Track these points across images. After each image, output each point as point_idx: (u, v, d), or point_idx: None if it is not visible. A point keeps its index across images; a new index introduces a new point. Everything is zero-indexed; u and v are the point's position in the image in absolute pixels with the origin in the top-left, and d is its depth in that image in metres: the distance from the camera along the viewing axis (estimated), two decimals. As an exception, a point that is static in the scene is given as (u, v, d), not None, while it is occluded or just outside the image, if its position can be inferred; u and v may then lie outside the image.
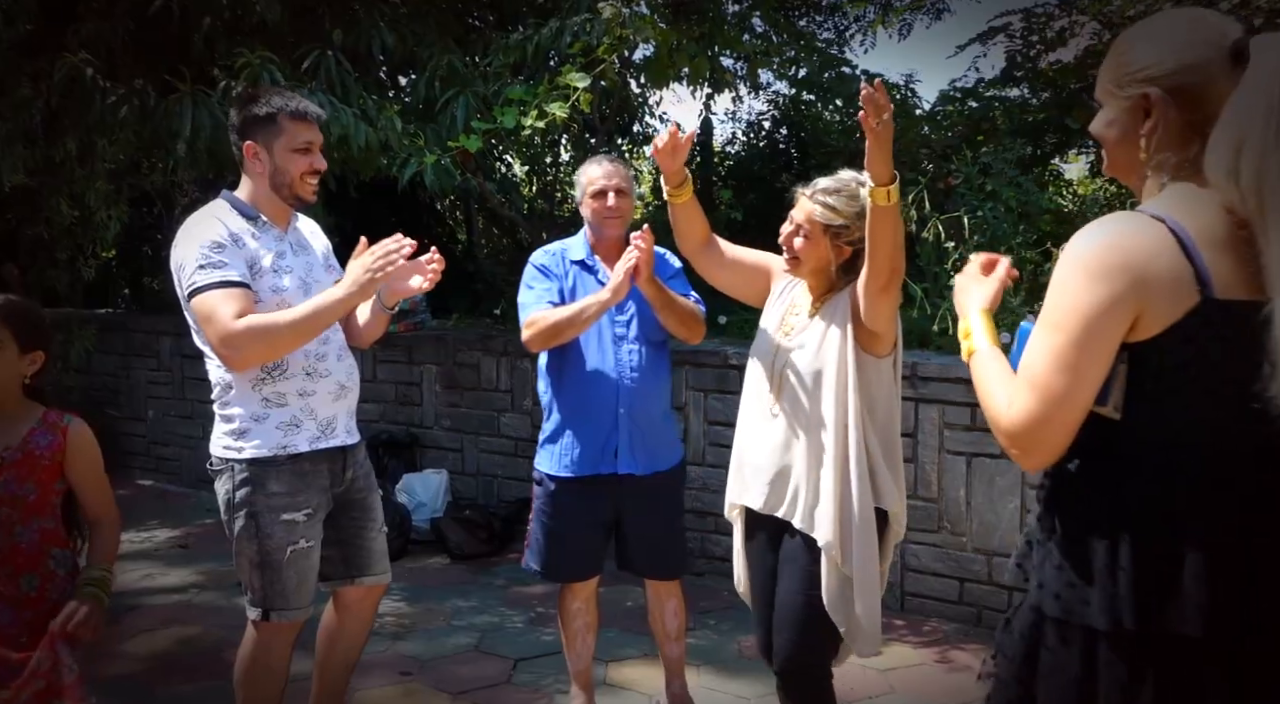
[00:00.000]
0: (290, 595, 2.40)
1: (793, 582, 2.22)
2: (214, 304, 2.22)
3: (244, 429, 2.37)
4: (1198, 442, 1.26)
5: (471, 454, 5.11)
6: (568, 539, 2.80)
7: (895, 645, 3.57)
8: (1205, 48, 1.26)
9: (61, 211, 6.10)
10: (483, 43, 4.96)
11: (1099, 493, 1.30)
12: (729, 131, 8.12)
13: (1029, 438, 1.29)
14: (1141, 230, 1.24)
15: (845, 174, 2.26)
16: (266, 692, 2.46)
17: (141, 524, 5.18)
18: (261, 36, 4.54)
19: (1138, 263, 1.21)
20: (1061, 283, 1.27)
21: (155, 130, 4.26)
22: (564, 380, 2.80)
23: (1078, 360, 1.24)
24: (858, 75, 6.97)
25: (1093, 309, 1.22)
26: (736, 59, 5.82)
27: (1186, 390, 1.25)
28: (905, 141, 6.17)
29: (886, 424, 2.25)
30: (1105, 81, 1.35)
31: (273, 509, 2.35)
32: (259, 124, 2.36)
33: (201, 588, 4.20)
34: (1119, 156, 1.37)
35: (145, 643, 3.61)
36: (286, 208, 2.46)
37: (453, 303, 6.51)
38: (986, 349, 1.44)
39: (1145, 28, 1.35)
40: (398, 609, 3.95)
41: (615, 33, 4.10)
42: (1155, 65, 1.28)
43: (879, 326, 2.17)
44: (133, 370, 6.26)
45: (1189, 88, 1.26)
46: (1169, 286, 1.21)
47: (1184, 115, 1.26)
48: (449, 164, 4.21)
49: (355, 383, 2.55)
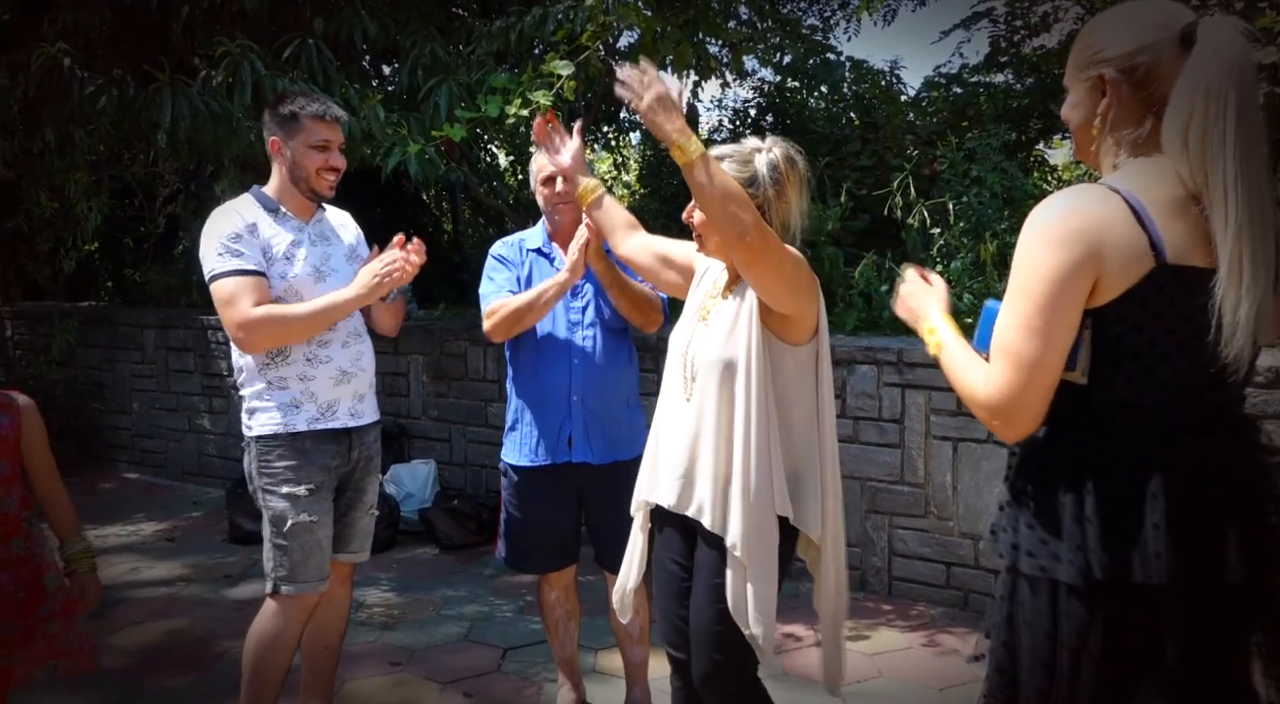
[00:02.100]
0: (298, 568, 2.49)
1: (703, 595, 2.05)
2: (231, 291, 2.42)
3: (253, 408, 2.56)
4: (1158, 405, 1.34)
5: (459, 444, 5.11)
6: (534, 530, 2.78)
7: (883, 630, 3.59)
8: (1157, 30, 1.34)
9: (41, 203, 6.06)
10: (466, 31, 4.92)
11: (1068, 456, 1.37)
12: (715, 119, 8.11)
13: (1009, 406, 1.35)
14: (1098, 200, 1.31)
15: (747, 141, 2.05)
16: (272, 664, 2.51)
17: (127, 517, 5.16)
18: (241, 25, 4.50)
19: (1094, 230, 1.29)
20: (1024, 252, 1.34)
21: (135, 121, 4.22)
22: (520, 368, 2.78)
23: (1045, 324, 1.31)
24: (843, 62, 6.97)
25: (1055, 273, 1.30)
26: (722, 46, 5.81)
27: (1145, 354, 1.33)
28: (890, 128, 6.17)
29: (806, 431, 2.02)
30: (1070, 67, 1.44)
31: (277, 483, 2.51)
32: (283, 122, 2.54)
33: (188, 581, 4.19)
34: (1084, 137, 1.44)
35: (133, 636, 3.59)
36: (308, 201, 2.61)
37: (439, 293, 6.49)
38: (953, 340, 1.53)
39: (1106, 15, 1.44)
40: (387, 599, 3.95)
41: (599, 20, 4.07)
42: (1110, 47, 1.37)
43: (777, 305, 1.95)
44: (117, 363, 6.22)
45: (1140, 68, 1.34)
46: (1125, 253, 1.28)
47: (1136, 93, 1.35)
48: (433, 154, 4.19)
49: (362, 368, 2.64)
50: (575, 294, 2.72)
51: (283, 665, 2.53)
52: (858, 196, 5.38)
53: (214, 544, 4.70)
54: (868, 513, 3.95)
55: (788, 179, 1.98)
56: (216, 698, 3.05)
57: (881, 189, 5.14)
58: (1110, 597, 1.30)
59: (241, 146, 4.16)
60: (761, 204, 1.95)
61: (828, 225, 4.86)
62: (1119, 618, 1.31)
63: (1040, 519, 1.37)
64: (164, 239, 7.31)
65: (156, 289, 6.64)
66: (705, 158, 1.81)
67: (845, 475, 4.04)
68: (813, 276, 1.99)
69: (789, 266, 1.91)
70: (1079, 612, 1.32)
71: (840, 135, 6.36)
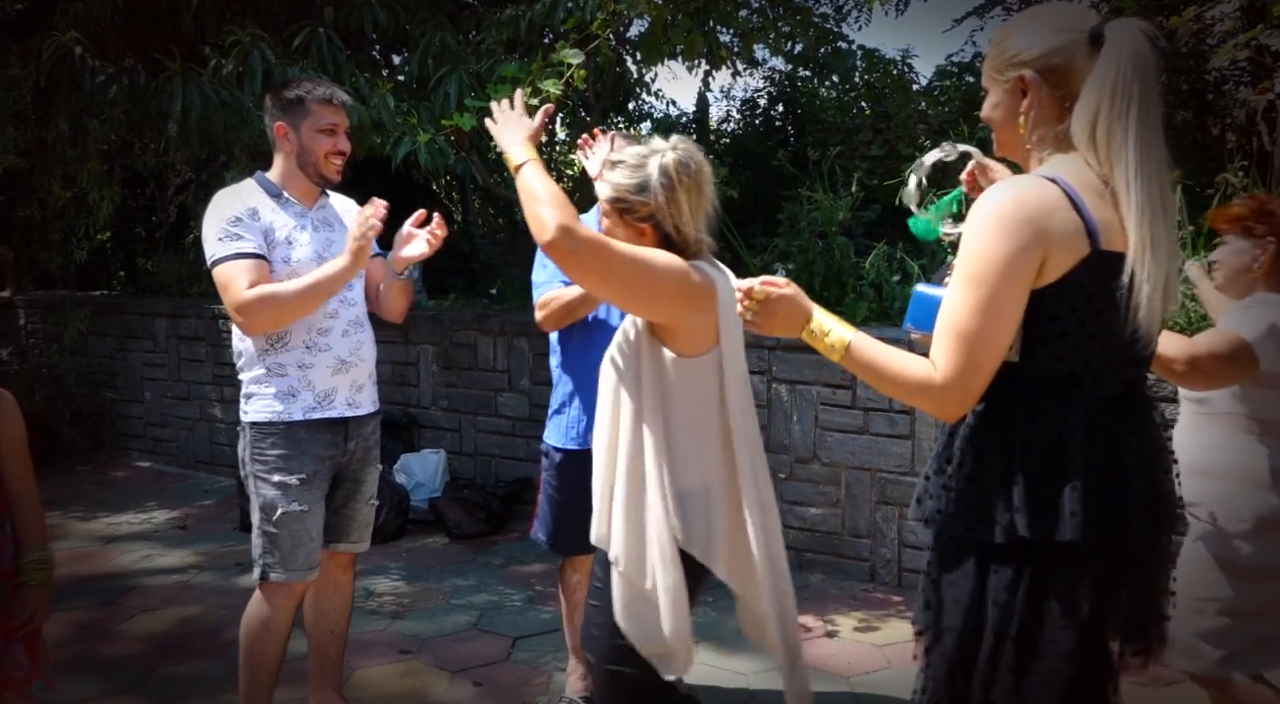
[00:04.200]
0: (286, 557, 2.49)
1: (594, 599, 2.07)
2: (230, 274, 2.41)
3: (250, 394, 2.57)
4: (1081, 381, 1.43)
5: (469, 434, 5.11)
6: (573, 511, 2.79)
7: (892, 621, 3.59)
8: (1069, 33, 1.43)
9: (54, 193, 6.08)
10: (475, 19, 4.91)
11: (996, 428, 1.45)
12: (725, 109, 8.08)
13: (963, 387, 1.41)
14: (1040, 189, 1.39)
15: (653, 142, 1.99)
16: (265, 651, 2.53)
17: (139, 506, 5.19)
18: (252, 14, 4.50)
19: (1040, 216, 1.37)
20: (977, 240, 1.39)
21: (146, 110, 4.22)
22: (570, 351, 2.80)
23: (1000, 307, 1.38)
24: (854, 51, 6.93)
25: (1008, 258, 1.36)
26: (732, 35, 5.78)
27: (1074, 334, 1.41)
28: (902, 117, 6.14)
29: (703, 448, 1.91)
30: (989, 69, 1.52)
31: (269, 471, 2.50)
32: (289, 107, 2.52)
33: (200, 568, 4.21)
34: (1007, 136, 1.53)
35: (144, 623, 3.62)
36: (313, 186, 2.60)
37: (449, 283, 6.49)
38: (857, 336, 1.56)
39: (1019, 19, 1.53)
40: (397, 588, 3.96)
41: (609, 8, 4.06)
42: (1027, 50, 1.46)
43: (633, 312, 1.90)
44: (129, 352, 6.24)
45: (1057, 68, 1.44)
46: (1067, 238, 1.37)
47: (1054, 92, 1.44)
48: (443, 143, 4.18)
49: (362, 358, 2.63)
50: None
51: (276, 652, 2.54)
52: (869, 187, 5.35)
53: (225, 532, 4.72)
54: (878, 504, 3.94)
55: (679, 183, 1.89)
56: (227, 684, 3.06)
57: (893, 179, 5.11)
58: (1034, 554, 1.41)
59: (252, 135, 4.16)
60: (654, 210, 1.90)
61: (838, 215, 4.84)
62: (1041, 574, 1.41)
63: (970, 485, 1.45)
64: (175, 228, 7.32)
65: (168, 278, 6.66)
66: (524, 167, 1.87)
67: (855, 467, 4.06)
68: (703, 286, 1.88)
69: (624, 273, 1.78)
70: (1005, 570, 1.42)
71: (851, 125, 6.33)
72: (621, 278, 1.79)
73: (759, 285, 1.67)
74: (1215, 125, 6.20)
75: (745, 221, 5.68)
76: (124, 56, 4.48)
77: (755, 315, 1.69)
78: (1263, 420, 2.20)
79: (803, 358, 4.02)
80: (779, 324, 1.67)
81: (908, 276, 4.59)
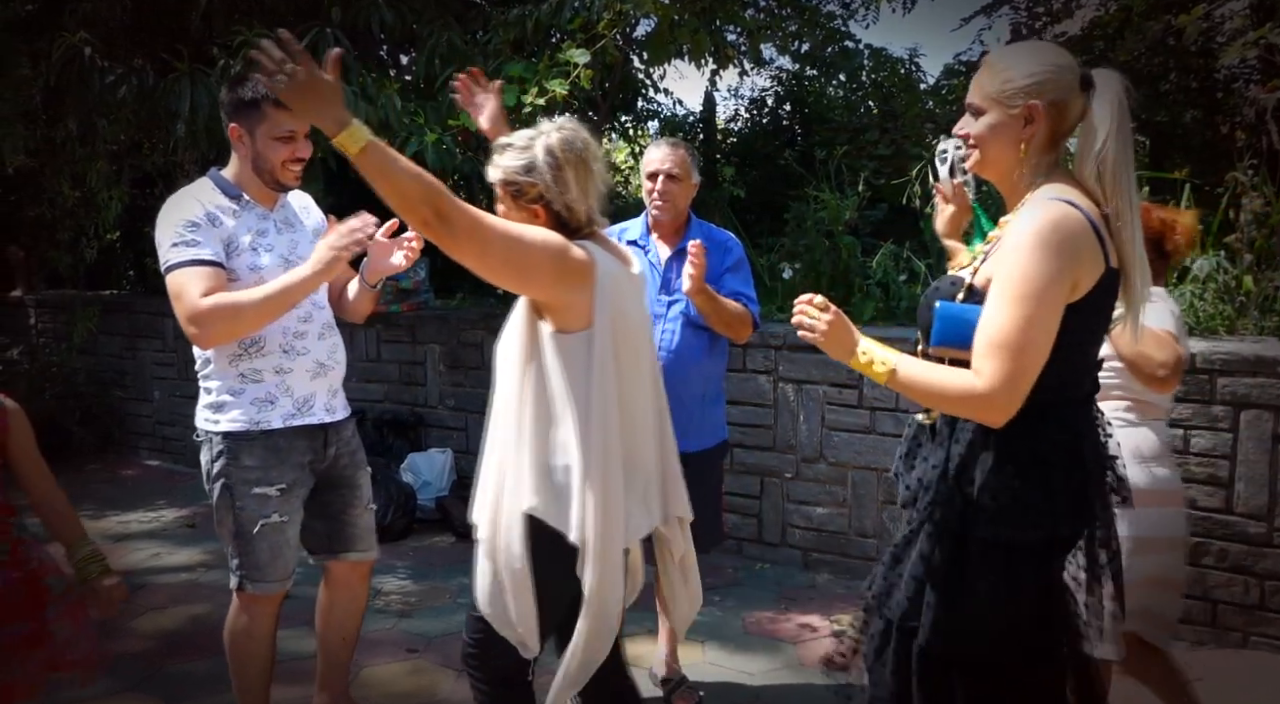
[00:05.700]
0: (264, 568, 2.42)
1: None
2: (183, 282, 2.24)
3: (220, 402, 2.40)
4: (1079, 386, 1.61)
5: (476, 433, 5.11)
6: None
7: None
8: (1068, 72, 1.59)
9: (64, 192, 6.10)
10: (482, 19, 4.92)
11: (1025, 439, 1.55)
12: (732, 108, 8.08)
13: (1010, 395, 1.50)
14: (1071, 213, 1.52)
15: (540, 125, 1.99)
16: (251, 657, 2.50)
17: (149, 504, 5.21)
18: (260, 14, 4.51)
19: (1075, 237, 1.51)
20: (1023, 260, 1.50)
21: (154, 110, 4.24)
22: None
23: (1045, 323, 1.50)
24: (861, 50, 6.93)
25: (1052, 277, 1.49)
26: (739, 34, 5.78)
27: (1082, 345, 1.58)
28: (909, 116, 6.13)
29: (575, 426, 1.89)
30: (987, 92, 1.62)
31: (245, 482, 2.39)
32: (243, 108, 2.34)
33: (209, 567, 4.23)
34: (997, 157, 1.63)
35: (153, 621, 3.64)
36: (272, 191, 2.45)
37: (456, 283, 6.51)
38: (901, 359, 1.62)
39: (1017, 51, 1.66)
40: (404, 587, 3.97)
41: (615, 8, 4.06)
42: (1038, 82, 1.58)
43: (509, 288, 1.91)
44: (138, 351, 6.27)
45: (1060, 103, 1.59)
46: (1092, 259, 1.52)
47: (1052, 125, 1.60)
48: (450, 143, 4.19)
49: (337, 362, 2.55)
50: (666, 288, 2.80)
51: (264, 655, 2.51)
52: (875, 186, 5.35)
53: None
54: (884, 504, 3.94)
55: (565, 162, 1.91)
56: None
57: (900, 178, 5.11)
58: (1050, 550, 1.60)
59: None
60: (543, 190, 1.91)
61: (845, 215, 4.83)
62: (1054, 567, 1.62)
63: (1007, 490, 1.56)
64: (184, 228, 7.36)
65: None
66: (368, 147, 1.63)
67: (862, 466, 4.05)
68: (580, 263, 1.87)
69: (500, 249, 1.78)
70: (1035, 567, 1.58)
71: (858, 124, 6.33)
72: (498, 254, 1.78)
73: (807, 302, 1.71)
74: (1224, 123, 6.19)
75: (752, 221, 5.68)
76: (133, 57, 4.50)
77: (820, 325, 1.68)
78: (1135, 400, 2.34)
79: (808, 357, 4.01)
80: (833, 344, 1.69)
81: (914, 276, 4.58)
